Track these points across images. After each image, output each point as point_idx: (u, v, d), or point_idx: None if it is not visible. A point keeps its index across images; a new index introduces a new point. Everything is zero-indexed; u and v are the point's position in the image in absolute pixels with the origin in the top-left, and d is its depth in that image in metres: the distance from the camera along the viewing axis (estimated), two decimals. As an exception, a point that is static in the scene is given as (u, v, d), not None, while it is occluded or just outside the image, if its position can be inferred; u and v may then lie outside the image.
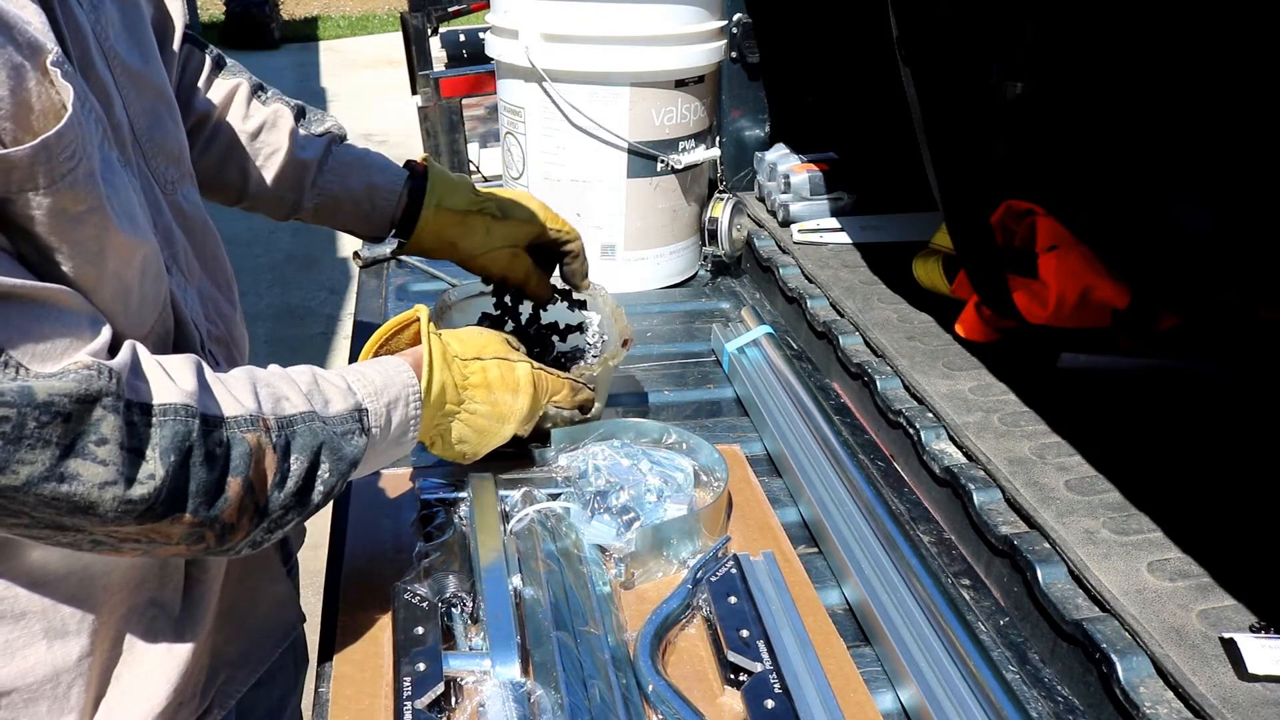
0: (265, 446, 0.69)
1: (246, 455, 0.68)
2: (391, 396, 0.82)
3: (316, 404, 0.75)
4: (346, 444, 0.76)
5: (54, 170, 0.58)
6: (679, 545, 0.98)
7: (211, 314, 0.88)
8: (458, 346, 0.94)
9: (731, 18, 1.77)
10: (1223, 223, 1.29)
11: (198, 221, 0.87)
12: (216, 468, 0.66)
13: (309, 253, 5.30)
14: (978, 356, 1.29)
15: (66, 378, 0.58)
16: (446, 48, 3.61)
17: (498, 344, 0.98)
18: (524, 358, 0.99)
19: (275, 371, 0.76)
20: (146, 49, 0.80)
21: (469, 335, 0.97)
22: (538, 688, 0.79)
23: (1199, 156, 1.29)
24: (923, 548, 1.06)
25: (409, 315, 0.93)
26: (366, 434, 0.78)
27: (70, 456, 0.59)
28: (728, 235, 1.74)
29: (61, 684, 0.74)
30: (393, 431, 0.82)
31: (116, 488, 0.61)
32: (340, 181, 1.12)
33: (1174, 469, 1.04)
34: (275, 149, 1.09)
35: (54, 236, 0.60)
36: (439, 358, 0.89)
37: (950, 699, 0.82)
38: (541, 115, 1.60)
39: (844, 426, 1.27)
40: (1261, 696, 0.76)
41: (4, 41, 0.55)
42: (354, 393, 0.79)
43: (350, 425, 0.77)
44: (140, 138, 0.77)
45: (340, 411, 0.77)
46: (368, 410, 0.79)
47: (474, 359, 0.94)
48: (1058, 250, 1.28)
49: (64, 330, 0.60)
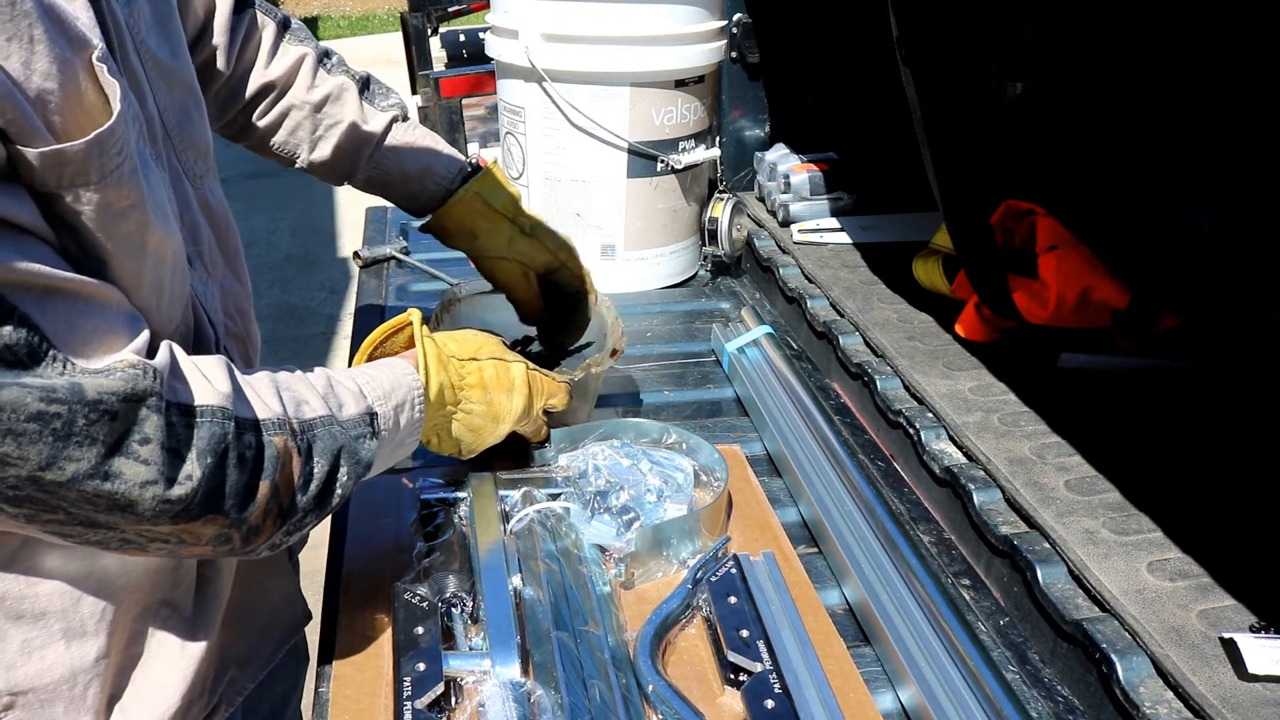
0: (291, 450, 0.70)
1: (275, 459, 0.69)
2: (399, 399, 0.82)
3: (333, 407, 0.76)
4: (361, 447, 0.77)
5: (105, 165, 0.59)
6: (679, 545, 0.98)
7: (231, 310, 0.88)
8: (454, 347, 0.94)
9: (731, 18, 1.77)
10: (1222, 223, 1.29)
11: (222, 217, 0.88)
12: (248, 470, 0.67)
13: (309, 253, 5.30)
14: (978, 356, 1.29)
15: (114, 375, 0.59)
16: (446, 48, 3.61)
17: (493, 345, 0.98)
18: (519, 358, 0.99)
19: (293, 374, 0.77)
20: (175, 43, 0.80)
21: (465, 336, 0.98)
22: (538, 688, 0.79)
23: (1199, 156, 1.28)
24: (923, 548, 1.06)
25: (402, 319, 0.93)
26: (377, 437, 0.79)
27: (115, 455, 0.60)
28: (728, 235, 1.74)
29: (79, 684, 0.74)
30: (400, 433, 0.83)
31: (157, 487, 0.62)
32: (396, 160, 1.12)
33: (1174, 469, 1.04)
34: (337, 121, 1.09)
35: (101, 233, 0.61)
36: (434, 360, 0.89)
37: (950, 699, 0.82)
38: (541, 115, 1.60)
39: (844, 426, 1.27)
40: (1261, 696, 0.76)
41: (56, 35, 0.56)
42: (365, 396, 0.80)
43: (363, 429, 0.78)
44: (170, 131, 0.78)
45: (354, 415, 0.77)
46: (378, 414, 0.80)
47: (470, 359, 0.94)
48: (1058, 250, 1.28)
49: (107, 327, 0.61)
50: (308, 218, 5.69)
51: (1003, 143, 1.48)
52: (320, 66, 1.09)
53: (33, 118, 0.55)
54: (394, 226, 1.92)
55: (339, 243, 5.39)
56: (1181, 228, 1.33)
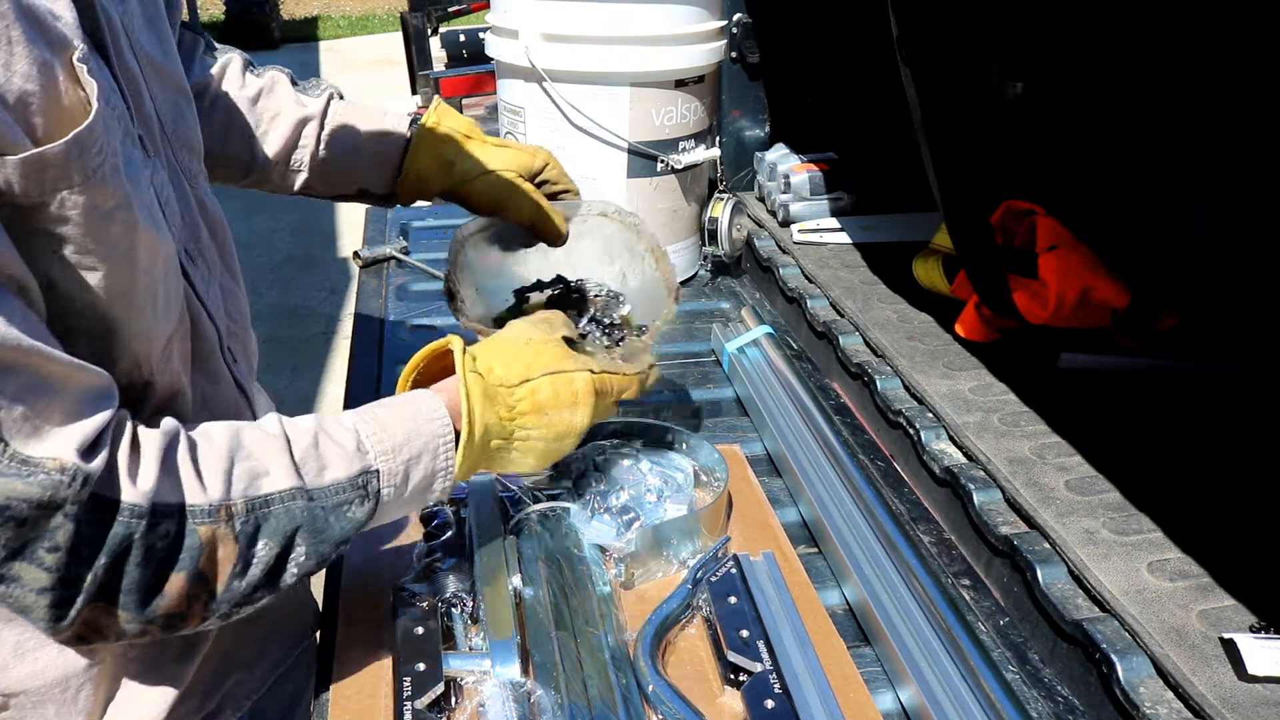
0: (222, 538, 0.65)
1: (197, 549, 0.64)
2: (413, 452, 0.75)
3: (308, 473, 0.70)
4: (337, 519, 0.71)
5: (86, 165, 0.58)
6: (679, 545, 0.98)
7: (231, 310, 0.88)
8: (501, 371, 0.83)
9: (731, 18, 1.77)
10: (1223, 222, 1.29)
11: (216, 217, 0.87)
12: (154, 564, 0.62)
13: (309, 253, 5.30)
14: (978, 356, 1.29)
15: (34, 479, 0.56)
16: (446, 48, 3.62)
17: (549, 353, 0.85)
18: (582, 363, 0.87)
19: (266, 434, 0.70)
20: (165, 42, 0.80)
21: (514, 349, 0.85)
22: (538, 688, 0.79)
23: (1199, 156, 1.28)
24: (923, 548, 1.06)
25: (440, 345, 0.84)
26: (373, 498, 0.73)
27: (16, 559, 0.57)
28: (728, 235, 1.74)
29: (70, 688, 0.74)
30: (412, 489, 0.76)
31: (52, 593, 0.59)
32: (346, 134, 1.07)
33: (1174, 469, 1.04)
34: (276, 112, 1.05)
35: (89, 238, 0.60)
36: (479, 398, 0.79)
37: (950, 699, 0.82)
38: (541, 115, 1.59)
39: (844, 426, 1.27)
40: (1261, 697, 0.76)
41: (35, 36, 0.55)
42: (365, 452, 0.73)
43: (348, 495, 0.71)
44: (167, 130, 0.78)
45: (338, 480, 0.71)
46: (379, 472, 0.73)
47: (522, 382, 0.83)
48: (1058, 250, 1.28)
49: (61, 409, 0.58)
50: (308, 218, 5.69)
51: (1003, 143, 1.48)
52: (248, 70, 1.06)
53: (13, 126, 0.54)
54: (394, 226, 1.92)
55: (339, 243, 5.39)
56: (1181, 227, 1.33)
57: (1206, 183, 1.29)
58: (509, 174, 1.06)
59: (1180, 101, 1.28)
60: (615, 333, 1.09)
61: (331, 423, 0.74)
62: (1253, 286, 1.24)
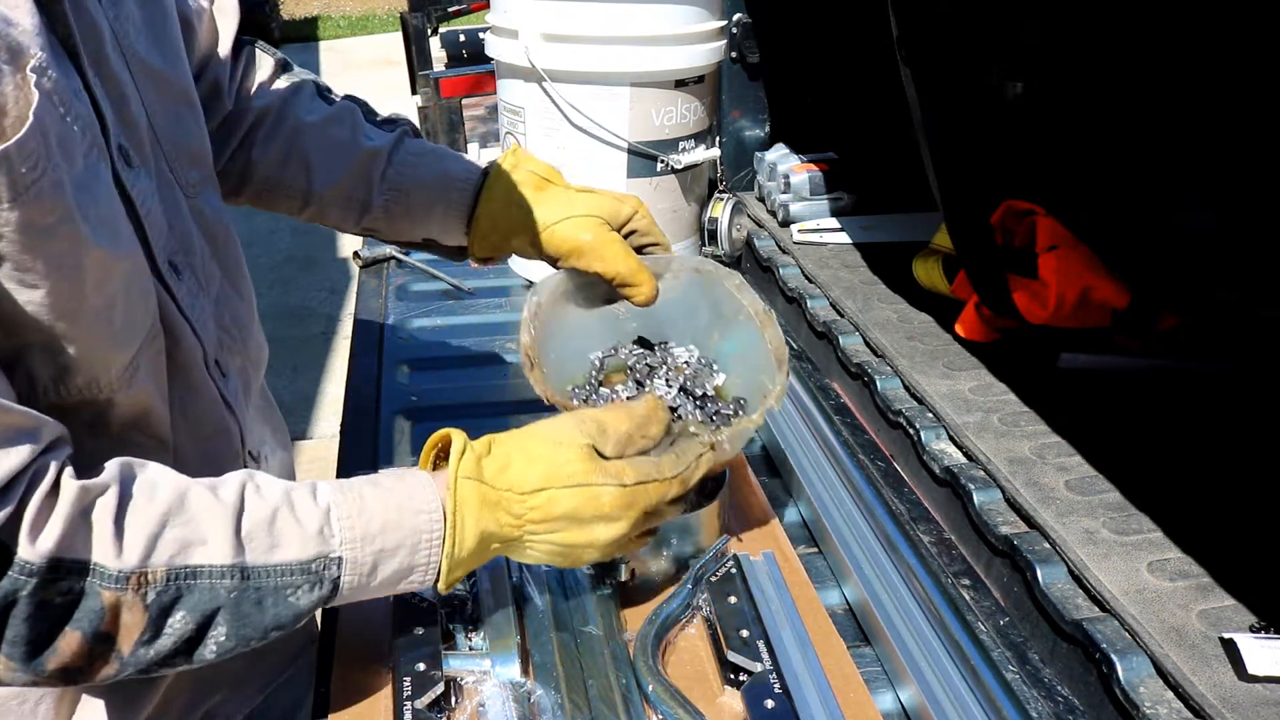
0: (129, 605, 0.61)
1: (97, 612, 0.60)
2: (388, 544, 0.70)
3: (253, 550, 0.65)
4: (275, 603, 0.66)
5: (16, 182, 0.56)
6: (679, 545, 0.98)
7: (227, 323, 0.85)
8: (517, 474, 0.74)
9: (731, 18, 1.77)
10: (1223, 222, 1.29)
11: (219, 226, 0.85)
12: (45, 620, 0.59)
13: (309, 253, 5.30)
14: (978, 356, 1.29)
15: None
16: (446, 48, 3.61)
17: (577, 461, 0.75)
18: (614, 475, 0.76)
19: (216, 501, 0.66)
20: (169, 49, 0.78)
21: (538, 450, 0.75)
22: (538, 688, 0.79)
23: (1199, 156, 1.28)
24: (923, 548, 1.06)
25: (441, 437, 0.76)
26: (328, 585, 0.68)
27: None
28: (728, 235, 1.74)
29: (29, 699, 0.72)
30: (382, 580, 0.71)
31: None
32: (411, 173, 0.98)
33: (1174, 469, 1.04)
34: (340, 145, 0.98)
35: (26, 254, 0.57)
36: (472, 507, 0.72)
37: (950, 699, 0.82)
38: (541, 115, 1.59)
39: (844, 426, 1.27)
40: (1261, 697, 0.76)
41: None
42: (329, 536, 0.68)
43: (295, 579, 0.66)
44: (161, 139, 0.76)
45: (287, 562, 0.66)
46: (343, 559, 0.68)
47: (537, 490, 0.74)
48: (1058, 250, 1.28)
49: None
50: (308, 218, 5.69)
51: (1003, 143, 1.48)
52: (319, 95, 1.01)
53: None
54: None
55: (339, 243, 5.39)
56: (1181, 227, 1.33)
57: (1206, 183, 1.29)
58: (592, 220, 0.94)
59: (1180, 101, 1.28)
60: (708, 405, 0.97)
61: (304, 495, 0.69)
62: (1253, 286, 1.24)
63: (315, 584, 0.67)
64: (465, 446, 0.73)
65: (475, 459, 0.73)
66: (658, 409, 0.81)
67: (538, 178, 0.97)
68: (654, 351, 1.02)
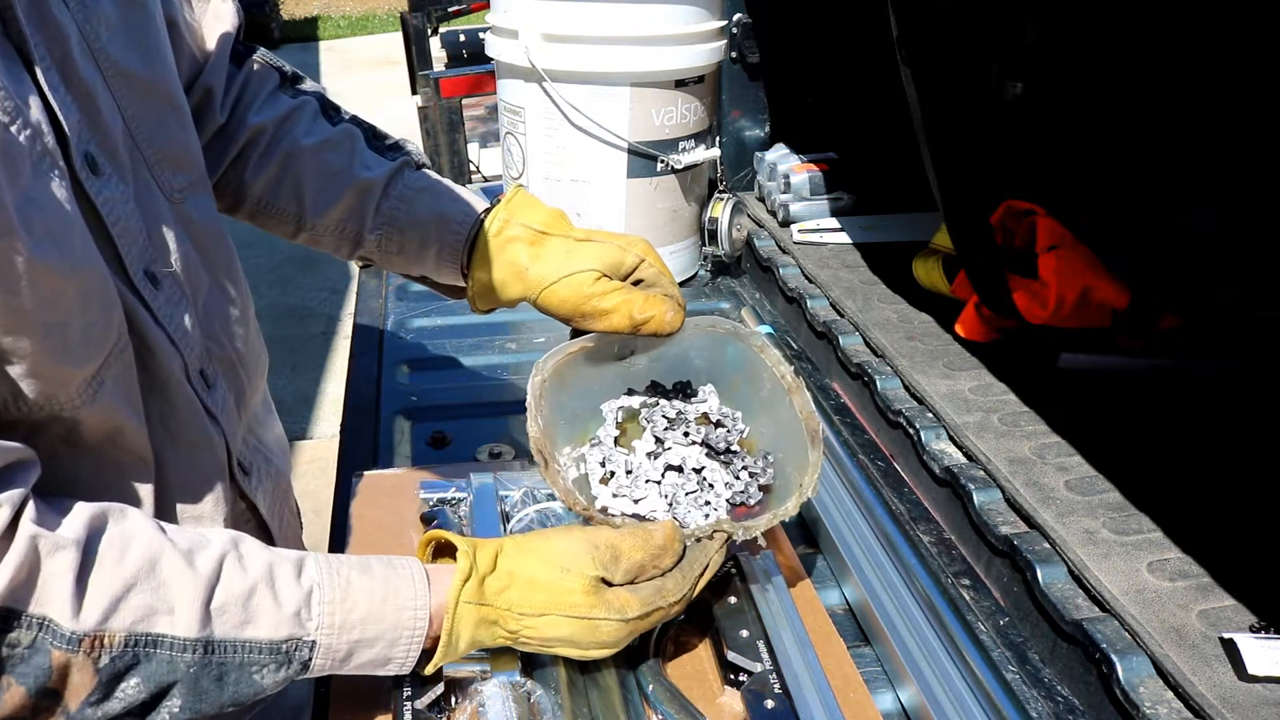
0: (79, 666, 0.59)
1: (45, 669, 0.58)
2: (366, 635, 0.69)
3: (222, 624, 0.64)
4: (239, 679, 0.65)
5: None
6: (679, 545, 0.97)
7: (217, 331, 0.82)
8: (519, 596, 0.74)
9: (731, 18, 1.77)
10: (1223, 222, 1.29)
11: (210, 231, 0.81)
12: None
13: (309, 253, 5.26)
14: (978, 356, 1.29)
15: None
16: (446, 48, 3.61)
17: (581, 594, 0.74)
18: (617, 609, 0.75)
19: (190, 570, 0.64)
20: (151, 53, 0.75)
21: (545, 578, 0.75)
22: (538, 688, 0.79)
23: (1199, 156, 1.28)
24: (923, 548, 1.06)
25: (438, 537, 0.78)
26: (297, 666, 0.67)
27: None
28: (728, 235, 1.74)
29: None
30: (354, 667, 0.71)
31: None
32: (406, 209, 0.92)
33: (1174, 469, 1.04)
34: (335, 171, 0.92)
35: None
36: (468, 626, 0.73)
37: (950, 699, 0.82)
38: (541, 115, 1.60)
39: (844, 426, 1.27)
40: (1261, 697, 0.76)
41: None
42: (305, 620, 0.67)
43: (262, 658, 0.65)
44: (141, 143, 0.73)
45: (257, 639, 0.65)
46: (317, 643, 0.67)
47: (538, 615, 0.74)
48: (1058, 250, 1.28)
49: None
50: (308, 218, 5.69)
51: (1003, 143, 1.48)
52: (322, 115, 0.96)
53: None
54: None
55: (339, 243, 5.38)
56: (1181, 227, 1.33)
57: (1206, 183, 1.29)
58: (592, 275, 0.88)
59: (1180, 102, 1.28)
60: (735, 462, 0.93)
61: (287, 572, 0.68)
62: (1253, 286, 1.25)
63: (283, 664, 0.66)
64: (471, 569, 0.73)
65: (479, 581, 0.73)
66: (674, 540, 0.80)
67: (533, 232, 0.90)
68: (670, 399, 0.97)
